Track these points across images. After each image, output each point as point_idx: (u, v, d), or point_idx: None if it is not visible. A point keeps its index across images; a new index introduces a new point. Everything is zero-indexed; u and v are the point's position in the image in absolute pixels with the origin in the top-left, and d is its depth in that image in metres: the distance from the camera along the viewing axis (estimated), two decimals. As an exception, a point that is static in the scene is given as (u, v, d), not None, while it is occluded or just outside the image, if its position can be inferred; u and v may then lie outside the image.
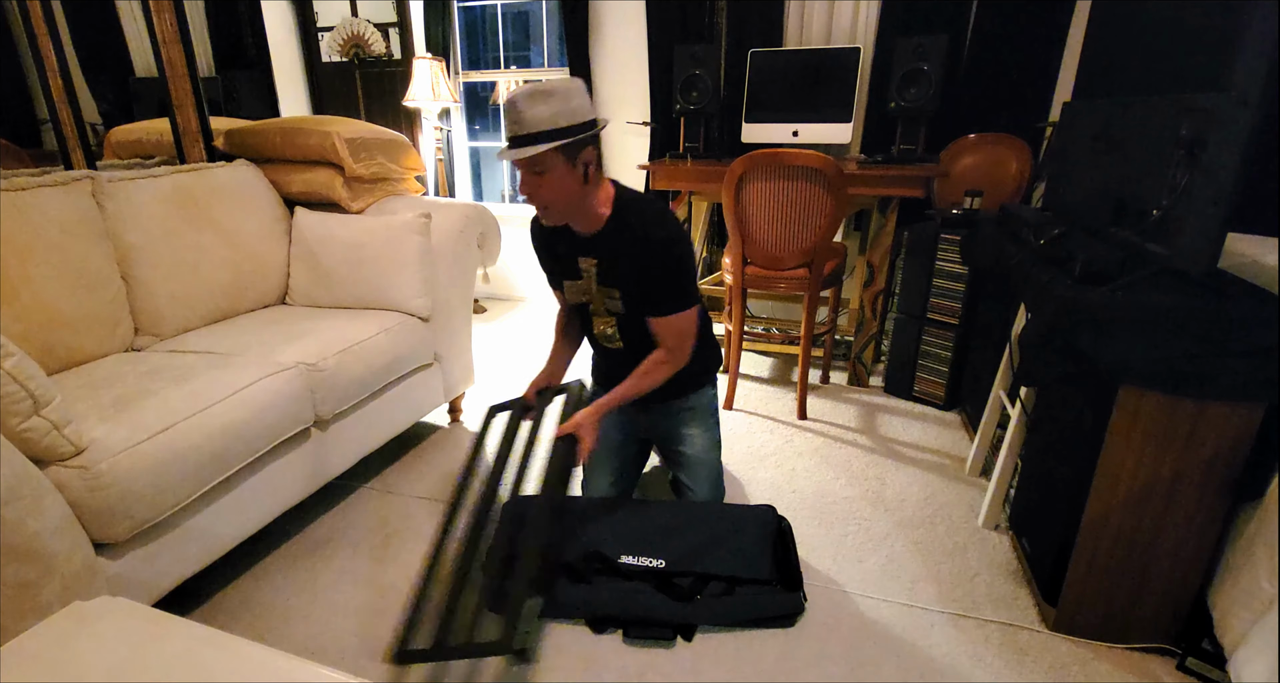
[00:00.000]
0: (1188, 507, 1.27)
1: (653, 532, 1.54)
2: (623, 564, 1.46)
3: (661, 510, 1.64)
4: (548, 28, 3.97)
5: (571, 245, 1.58)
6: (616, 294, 1.57)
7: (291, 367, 1.63)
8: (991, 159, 2.72)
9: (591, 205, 1.49)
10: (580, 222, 1.52)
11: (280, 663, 0.81)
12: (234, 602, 1.52)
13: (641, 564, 1.46)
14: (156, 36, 2.15)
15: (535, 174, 1.39)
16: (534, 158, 1.35)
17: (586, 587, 1.45)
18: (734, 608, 1.43)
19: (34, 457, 1.15)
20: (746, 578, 1.44)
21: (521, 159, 1.36)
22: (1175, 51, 1.85)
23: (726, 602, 1.43)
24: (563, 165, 1.38)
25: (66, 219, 1.66)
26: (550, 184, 1.40)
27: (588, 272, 1.59)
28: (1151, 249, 1.26)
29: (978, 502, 1.89)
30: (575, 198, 1.45)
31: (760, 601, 1.44)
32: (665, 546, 1.50)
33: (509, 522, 1.56)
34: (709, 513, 1.62)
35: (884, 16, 2.78)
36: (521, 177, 1.42)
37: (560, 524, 1.55)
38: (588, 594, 1.44)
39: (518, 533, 1.52)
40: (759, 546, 1.50)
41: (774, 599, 1.44)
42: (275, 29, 3.59)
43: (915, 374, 2.53)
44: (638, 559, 1.47)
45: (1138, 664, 1.34)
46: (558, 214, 1.48)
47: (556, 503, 1.49)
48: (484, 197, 4.71)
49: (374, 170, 2.29)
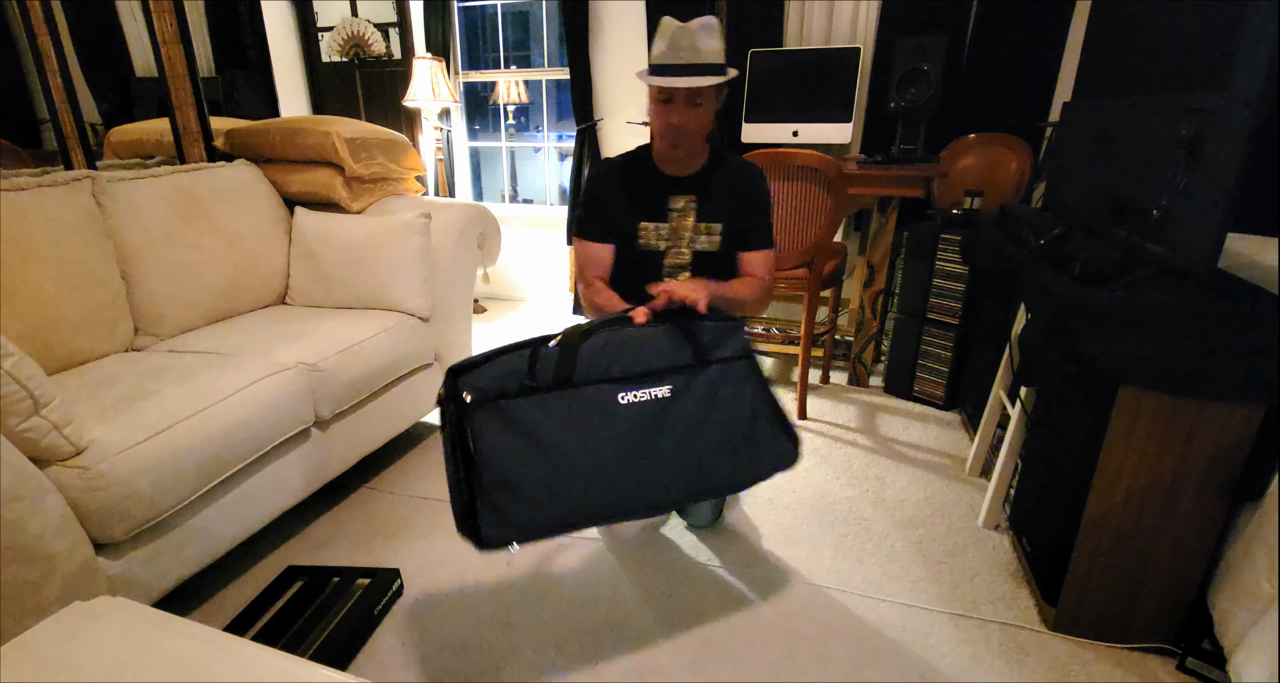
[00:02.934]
0: (1187, 507, 1.27)
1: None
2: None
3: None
4: (548, 28, 3.97)
5: (662, 185, 1.58)
6: (717, 229, 1.58)
7: (291, 367, 1.63)
8: (991, 159, 2.72)
9: (704, 144, 1.56)
10: (691, 159, 1.56)
11: (280, 663, 0.81)
12: (234, 602, 1.52)
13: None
14: (156, 36, 2.15)
15: (694, 105, 1.43)
16: (700, 89, 1.41)
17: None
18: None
19: (34, 457, 1.15)
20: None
21: (688, 89, 1.40)
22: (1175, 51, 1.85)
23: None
24: (715, 100, 1.47)
25: (66, 219, 1.66)
26: (701, 116, 1.46)
27: (683, 210, 1.58)
28: (1151, 249, 1.26)
29: (978, 502, 1.89)
30: (706, 132, 1.52)
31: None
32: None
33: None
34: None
35: (884, 16, 2.78)
36: (673, 107, 1.44)
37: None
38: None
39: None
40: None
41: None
42: (275, 29, 3.59)
43: (915, 374, 2.53)
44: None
45: (1138, 664, 1.34)
46: (688, 147, 1.51)
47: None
48: (484, 197, 4.71)
49: (374, 170, 2.29)
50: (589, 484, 1.23)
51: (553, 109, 4.12)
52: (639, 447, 1.26)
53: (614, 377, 1.26)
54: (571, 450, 1.22)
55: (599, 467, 1.23)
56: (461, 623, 1.46)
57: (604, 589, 1.56)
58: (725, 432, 1.32)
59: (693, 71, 1.38)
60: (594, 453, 1.23)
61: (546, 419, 1.22)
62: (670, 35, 1.40)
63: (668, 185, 1.58)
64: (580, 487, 1.22)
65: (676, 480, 1.29)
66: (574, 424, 1.23)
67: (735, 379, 1.35)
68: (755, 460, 1.36)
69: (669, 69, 1.40)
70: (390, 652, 1.38)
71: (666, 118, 1.45)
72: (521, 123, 4.71)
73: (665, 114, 1.45)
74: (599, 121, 3.45)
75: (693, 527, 1.78)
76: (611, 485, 1.24)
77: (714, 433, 1.31)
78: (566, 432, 1.22)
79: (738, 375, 1.35)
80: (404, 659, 1.37)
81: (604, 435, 1.24)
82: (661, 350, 1.30)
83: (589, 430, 1.23)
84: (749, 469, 1.37)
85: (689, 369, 1.31)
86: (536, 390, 1.23)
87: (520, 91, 3.93)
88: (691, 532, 1.77)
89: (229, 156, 2.32)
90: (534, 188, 5.60)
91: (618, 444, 1.24)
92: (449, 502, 1.25)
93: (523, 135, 4.93)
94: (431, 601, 1.52)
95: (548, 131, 4.15)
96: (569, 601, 1.53)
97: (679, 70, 1.39)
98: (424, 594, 1.54)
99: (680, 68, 1.39)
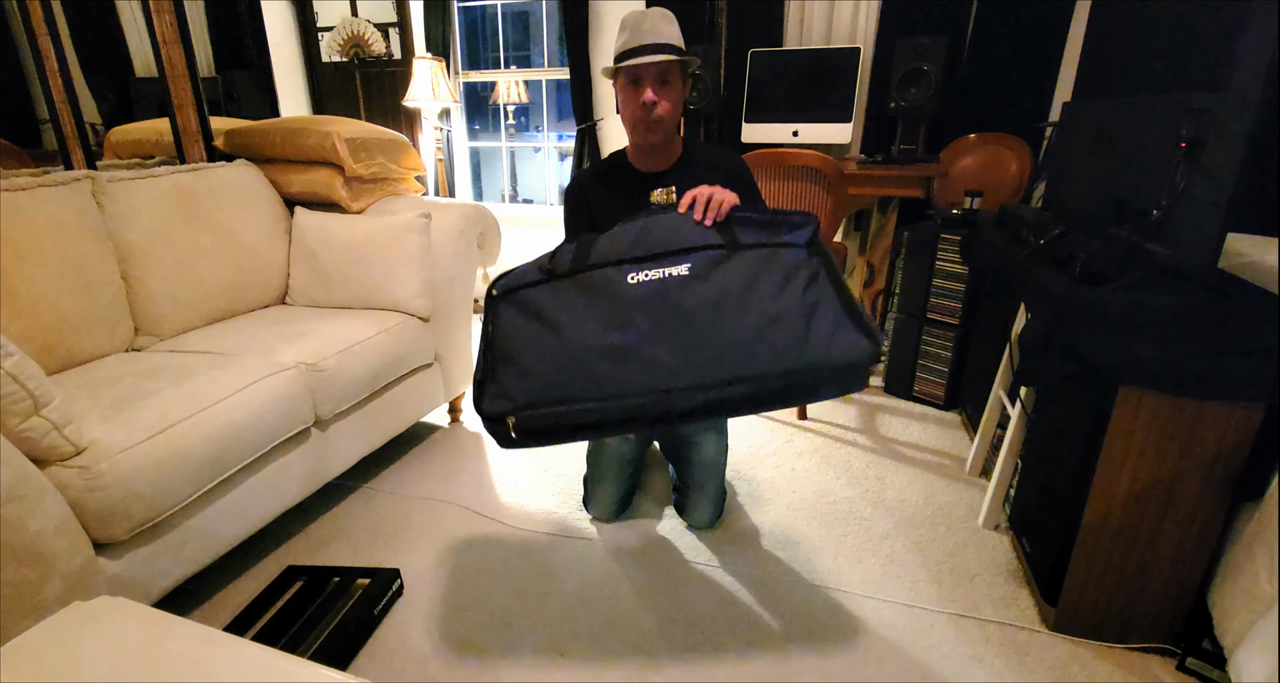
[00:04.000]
0: (1188, 507, 1.27)
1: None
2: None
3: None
4: (548, 28, 3.97)
5: (641, 183, 1.60)
6: None
7: (291, 367, 1.63)
8: (991, 159, 2.72)
9: (676, 135, 1.57)
10: (666, 151, 1.58)
11: (280, 663, 0.81)
12: (234, 602, 1.52)
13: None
14: (156, 36, 2.15)
15: (662, 85, 1.45)
16: (667, 66, 1.43)
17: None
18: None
19: (34, 457, 1.15)
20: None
21: (654, 66, 1.42)
22: (1175, 51, 1.85)
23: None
24: (681, 83, 1.49)
25: (66, 219, 1.66)
26: (673, 97, 1.47)
27: (663, 203, 1.58)
28: (1151, 249, 1.26)
29: (978, 502, 1.89)
30: (678, 118, 1.53)
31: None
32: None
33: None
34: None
35: (884, 16, 2.78)
36: (642, 88, 1.45)
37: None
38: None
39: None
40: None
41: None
42: (275, 29, 3.59)
43: (915, 374, 2.53)
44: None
45: (1138, 664, 1.34)
46: (665, 132, 1.52)
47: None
48: (484, 196, 4.71)
49: (374, 170, 2.29)
50: (588, 364, 1.18)
51: (553, 109, 4.12)
52: (650, 325, 1.17)
53: (625, 260, 1.23)
54: (572, 329, 1.21)
55: (601, 347, 1.18)
56: (461, 623, 1.46)
57: (604, 589, 1.56)
58: (768, 313, 1.15)
59: (658, 51, 1.41)
60: (595, 332, 1.19)
61: (553, 301, 1.25)
62: (631, 24, 1.44)
63: (646, 181, 1.60)
64: (578, 365, 1.19)
65: (695, 364, 1.15)
66: (579, 304, 1.23)
67: (787, 264, 1.20)
68: (809, 350, 1.13)
69: (634, 52, 1.43)
70: (390, 652, 1.38)
71: (638, 100, 1.46)
72: (521, 123, 4.71)
73: (636, 97, 1.46)
74: (599, 121, 3.45)
75: (693, 527, 1.78)
76: (615, 367, 1.17)
77: (752, 313, 1.15)
78: (570, 311, 1.23)
79: (792, 261, 1.21)
80: (404, 660, 1.37)
81: (609, 315, 1.20)
82: (683, 234, 1.23)
83: (593, 309, 1.21)
84: (799, 359, 1.13)
85: (719, 250, 1.21)
86: (553, 277, 1.27)
87: (520, 91, 3.93)
88: (691, 532, 1.77)
89: (229, 157, 2.32)
90: (534, 188, 5.60)
91: (623, 324, 1.18)
92: (449, 501, 1.25)
93: (523, 135, 4.93)
94: (432, 601, 1.52)
95: (548, 131, 4.16)
96: (569, 601, 1.53)
97: (644, 51, 1.42)
98: (424, 594, 1.54)
99: (645, 48, 1.42)
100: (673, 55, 1.42)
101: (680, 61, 1.45)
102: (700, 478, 1.73)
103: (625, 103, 1.49)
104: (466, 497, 1.92)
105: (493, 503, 1.89)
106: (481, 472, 2.06)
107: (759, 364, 1.14)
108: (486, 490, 1.96)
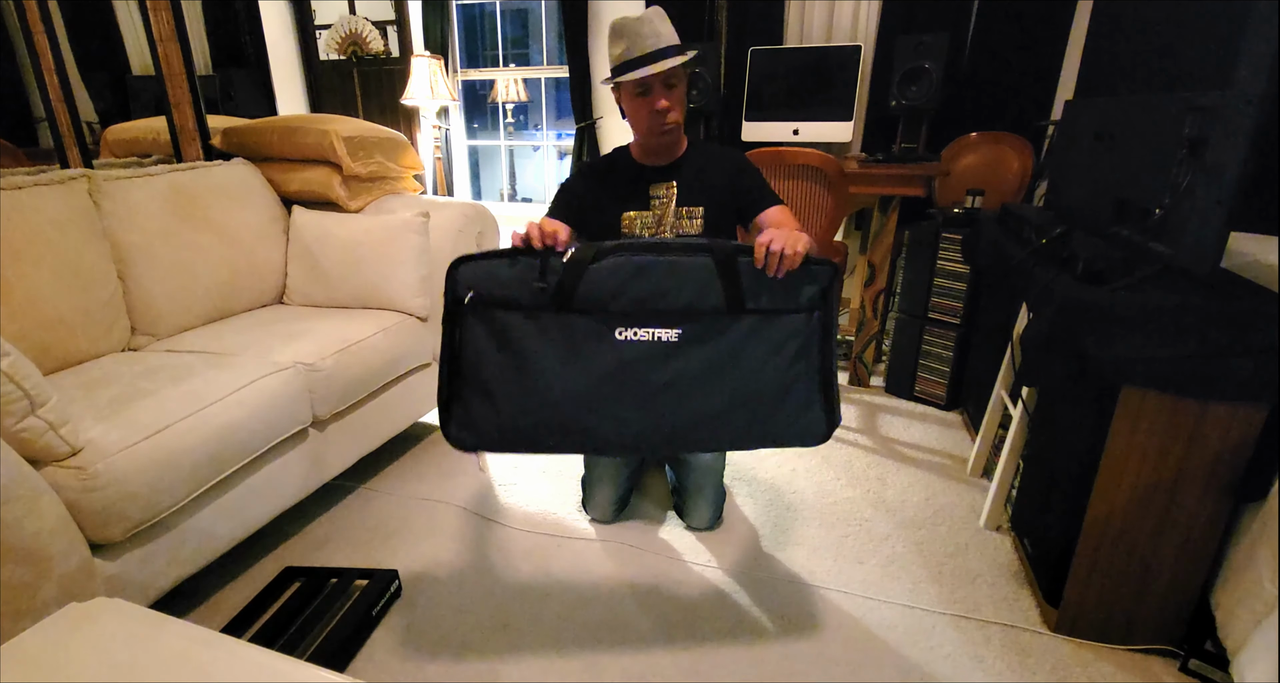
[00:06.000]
0: (1190, 508, 1.26)
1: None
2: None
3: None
4: (546, 26, 3.96)
5: (642, 176, 1.59)
6: (699, 212, 1.58)
7: (289, 366, 1.62)
8: (993, 158, 2.71)
9: (682, 131, 1.57)
10: (672, 147, 1.57)
11: (277, 664, 0.80)
12: (231, 603, 1.52)
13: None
14: (153, 34, 2.14)
15: (669, 86, 1.45)
16: (675, 69, 1.42)
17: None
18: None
19: (30, 457, 1.15)
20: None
21: (662, 71, 1.40)
22: (1178, 49, 1.85)
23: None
24: (684, 80, 1.49)
25: (62, 218, 1.65)
26: (681, 98, 1.49)
27: (664, 198, 1.59)
28: (1154, 248, 1.25)
29: (979, 502, 1.88)
30: (684, 114, 1.53)
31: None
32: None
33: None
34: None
35: (885, 14, 2.78)
36: (653, 96, 1.44)
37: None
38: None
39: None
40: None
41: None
42: (273, 27, 3.58)
43: (916, 374, 2.52)
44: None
45: (1140, 666, 1.34)
46: (676, 131, 1.51)
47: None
48: (482, 195, 4.70)
49: (372, 169, 2.28)
50: (561, 413, 1.19)
51: (552, 107, 4.11)
52: (627, 388, 1.18)
53: (614, 310, 1.17)
54: (551, 376, 1.19)
55: (577, 398, 1.18)
56: (460, 624, 1.45)
57: (603, 590, 1.55)
58: (742, 393, 1.19)
59: (661, 56, 1.40)
60: (574, 384, 1.19)
61: (534, 339, 1.20)
62: (629, 31, 1.41)
63: (648, 175, 1.59)
64: (550, 413, 1.20)
65: (661, 431, 1.20)
66: (560, 351, 1.19)
67: (780, 335, 1.20)
68: (771, 426, 1.23)
69: (638, 61, 1.40)
70: (388, 653, 1.38)
71: (650, 108, 1.45)
72: (520, 121, 4.71)
73: (647, 105, 1.45)
74: (598, 120, 3.44)
75: (692, 528, 1.77)
76: (588, 419, 1.20)
77: (726, 392, 1.19)
78: (550, 357, 1.19)
79: (786, 331, 1.20)
80: (402, 661, 1.36)
81: (590, 369, 1.18)
82: (685, 287, 1.16)
83: (574, 360, 1.19)
84: (760, 433, 1.24)
85: (713, 315, 1.18)
86: (536, 305, 1.18)
87: (519, 90, 3.92)
88: (691, 533, 1.76)
89: (226, 155, 2.31)
90: (533, 187, 5.59)
91: (603, 381, 1.18)
92: (447, 502, 1.25)
93: (521, 134, 4.92)
94: (430, 602, 1.52)
95: (547, 130, 4.15)
96: (569, 601, 1.52)
97: (648, 58, 1.40)
98: (422, 595, 1.54)
99: (651, 56, 1.40)
100: (678, 57, 1.41)
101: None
102: (698, 481, 1.72)
103: (634, 110, 1.48)
104: (465, 497, 1.91)
105: (491, 504, 1.89)
106: (480, 472, 2.06)
107: (720, 438, 1.24)
108: (485, 491, 1.95)
